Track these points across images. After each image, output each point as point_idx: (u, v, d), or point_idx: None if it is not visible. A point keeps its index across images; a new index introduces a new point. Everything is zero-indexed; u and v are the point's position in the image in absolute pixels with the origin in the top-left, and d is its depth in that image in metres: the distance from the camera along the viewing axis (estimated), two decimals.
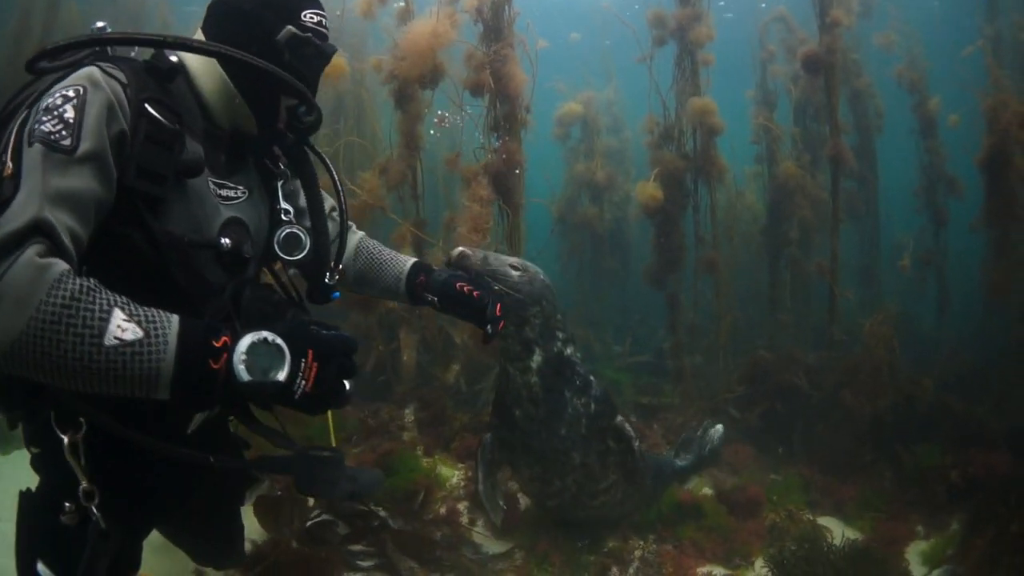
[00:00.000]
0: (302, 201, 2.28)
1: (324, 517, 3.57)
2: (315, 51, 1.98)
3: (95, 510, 1.75)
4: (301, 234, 2.13)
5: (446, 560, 3.42)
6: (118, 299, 1.43)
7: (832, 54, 6.20)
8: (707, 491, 4.35)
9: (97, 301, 1.39)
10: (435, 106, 5.48)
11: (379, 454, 4.10)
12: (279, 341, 1.51)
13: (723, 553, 3.66)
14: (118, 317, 1.39)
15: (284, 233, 2.11)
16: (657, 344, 7.35)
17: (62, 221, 1.47)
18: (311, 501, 3.70)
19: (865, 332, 5.56)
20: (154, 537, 2.86)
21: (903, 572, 3.42)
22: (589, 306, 8.08)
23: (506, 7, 5.18)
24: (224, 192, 1.96)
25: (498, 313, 2.55)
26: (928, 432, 4.85)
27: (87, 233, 1.56)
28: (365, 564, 3.46)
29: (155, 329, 1.41)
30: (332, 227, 2.41)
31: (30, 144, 1.51)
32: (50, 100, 1.58)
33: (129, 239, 1.68)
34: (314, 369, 1.54)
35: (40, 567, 1.87)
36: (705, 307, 6.42)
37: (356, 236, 2.65)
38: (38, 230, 1.42)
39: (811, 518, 4.04)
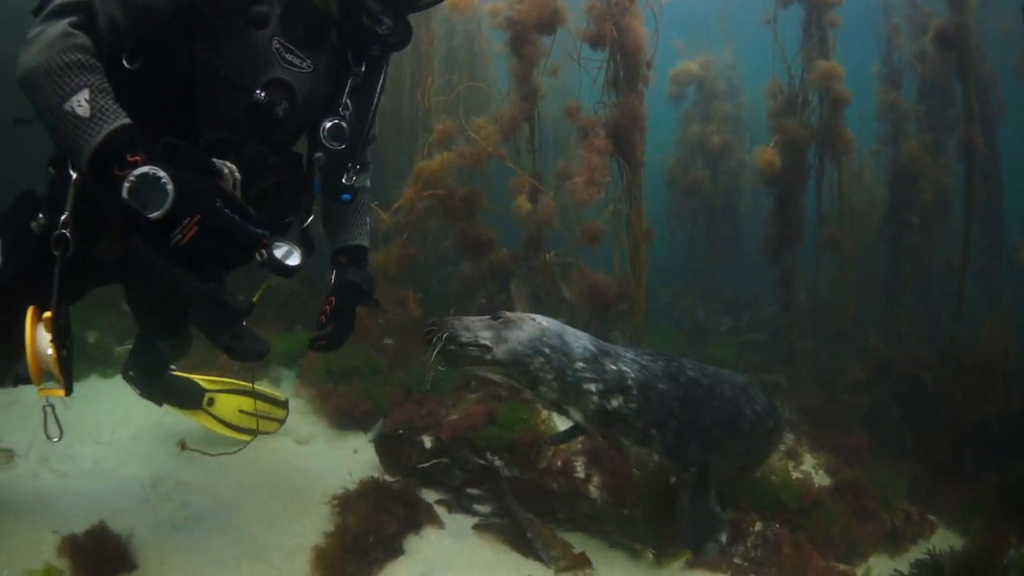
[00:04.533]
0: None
1: (442, 460, 3.53)
2: None
3: (67, 233, 2.03)
4: (346, 128, 2.33)
5: (561, 513, 3.35)
6: (96, 85, 1.76)
7: (965, 30, 5.76)
8: (824, 477, 4.17)
9: (80, 77, 1.74)
10: (551, 59, 5.31)
11: (489, 408, 4.00)
12: (169, 187, 1.71)
13: (843, 552, 3.48)
14: (82, 95, 1.72)
15: (333, 123, 2.31)
16: (767, 322, 7.09)
17: (106, 8, 1.86)
18: (428, 444, 3.68)
19: (981, 333, 5.26)
20: None
21: None
22: (700, 276, 7.83)
23: None
24: (289, 57, 2.17)
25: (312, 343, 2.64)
26: None
27: (131, 27, 1.92)
28: (482, 509, 3.43)
29: (99, 118, 1.73)
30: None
31: None
32: None
33: (179, 56, 1.99)
34: (192, 231, 1.73)
35: None
36: (822, 288, 6.15)
37: (363, 180, 2.78)
38: (82, 8, 1.82)
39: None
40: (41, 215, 2.17)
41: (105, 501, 3.22)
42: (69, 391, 2.16)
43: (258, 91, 2.10)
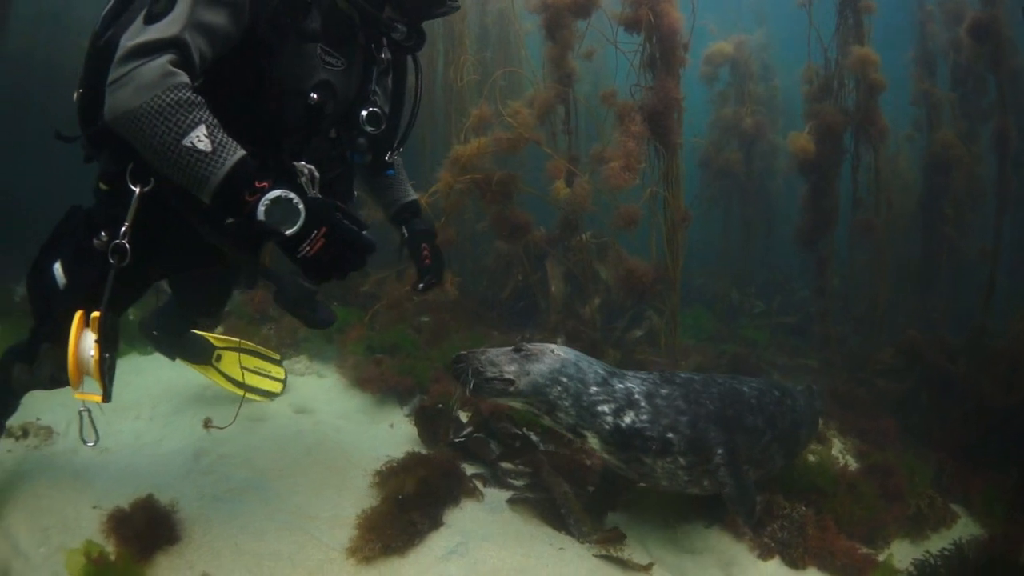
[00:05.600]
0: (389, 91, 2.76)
1: (478, 435, 3.64)
2: None
3: (127, 244, 2.24)
4: (381, 114, 2.55)
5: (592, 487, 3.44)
6: (209, 120, 1.89)
7: (997, 23, 5.72)
8: (851, 460, 4.22)
9: (193, 113, 1.86)
10: (586, 41, 5.32)
11: None
12: (301, 206, 1.91)
13: (866, 534, 3.54)
14: (200, 131, 1.86)
15: (371, 110, 2.52)
16: (799, 305, 7.12)
17: (196, 43, 1.98)
18: (464, 419, 3.78)
19: (1011, 324, 5.24)
20: None
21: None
22: (733, 259, 7.86)
23: None
24: (328, 59, 2.36)
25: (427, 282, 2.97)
26: None
27: (212, 56, 2.06)
28: (517, 483, 3.54)
29: (221, 151, 1.87)
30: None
31: None
32: None
33: (244, 74, 2.15)
34: (319, 243, 1.93)
35: (56, 267, 2.46)
36: (854, 274, 6.15)
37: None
38: (176, 45, 1.93)
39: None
40: (103, 233, 2.32)
41: (147, 475, 3.32)
42: (108, 398, 2.32)
43: (311, 94, 2.29)
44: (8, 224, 7.12)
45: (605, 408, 2.82)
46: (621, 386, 2.89)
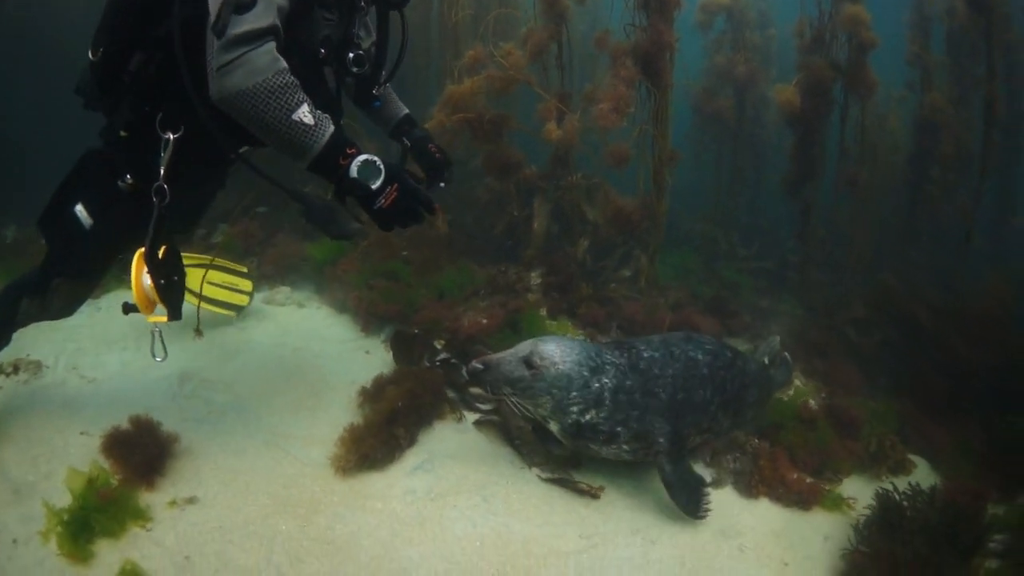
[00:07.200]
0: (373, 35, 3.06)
1: (453, 361, 3.75)
2: None
3: (165, 185, 2.55)
4: (366, 56, 2.80)
5: None
6: (308, 99, 2.20)
7: None
8: (813, 403, 4.33)
9: (297, 93, 2.18)
10: None
11: (508, 311, 4.28)
12: (381, 166, 2.26)
13: (817, 464, 3.68)
14: (305, 108, 2.17)
15: (357, 53, 2.75)
16: (781, 252, 7.21)
17: (282, 30, 2.24)
18: (439, 345, 3.88)
19: (985, 284, 5.33)
20: None
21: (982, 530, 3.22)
22: (721, 203, 7.93)
23: None
24: (327, 15, 2.62)
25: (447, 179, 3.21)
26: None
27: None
28: (484, 407, 3.68)
29: (320, 125, 2.20)
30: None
31: None
32: None
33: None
34: (392, 196, 2.26)
35: (79, 209, 2.74)
36: (838, 224, 6.24)
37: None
38: (273, 32, 2.20)
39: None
40: (129, 176, 2.65)
41: (133, 401, 3.46)
42: (176, 317, 2.70)
43: (320, 50, 2.57)
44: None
45: (574, 409, 3.07)
46: (597, 385, 3.09)
